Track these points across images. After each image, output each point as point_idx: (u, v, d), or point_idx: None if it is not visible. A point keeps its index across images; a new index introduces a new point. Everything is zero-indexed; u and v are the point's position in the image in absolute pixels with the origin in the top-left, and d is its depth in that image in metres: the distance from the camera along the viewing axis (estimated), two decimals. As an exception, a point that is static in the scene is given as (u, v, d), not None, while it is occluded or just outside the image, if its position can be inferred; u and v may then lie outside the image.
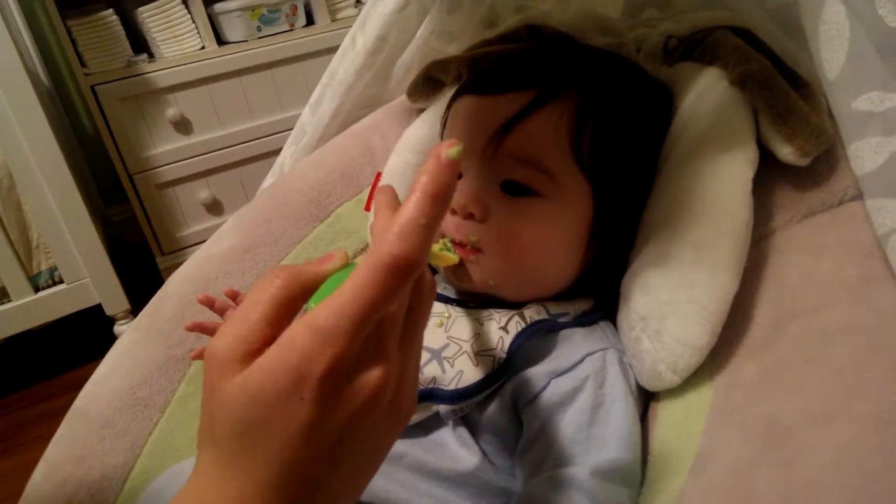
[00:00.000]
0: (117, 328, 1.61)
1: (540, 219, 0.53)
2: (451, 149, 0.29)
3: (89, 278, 1.52)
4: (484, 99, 0.56)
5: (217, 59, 1.77)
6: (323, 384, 0.28)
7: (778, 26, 0.53)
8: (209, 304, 0.65)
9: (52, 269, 1.50)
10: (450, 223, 0.55)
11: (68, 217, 1.46)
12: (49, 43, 1.95)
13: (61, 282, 1.52)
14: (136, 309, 1.60)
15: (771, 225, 0.49)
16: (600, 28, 0.67)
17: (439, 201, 0.29)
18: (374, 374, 0.30)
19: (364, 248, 0.76)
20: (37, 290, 1.49)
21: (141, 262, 1.93)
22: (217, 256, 0.74)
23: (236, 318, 0.31)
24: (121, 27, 1.68)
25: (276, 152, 1.89)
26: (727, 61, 0.53)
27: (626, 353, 0.53)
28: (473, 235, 0.53)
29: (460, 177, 0.57)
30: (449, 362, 0.52)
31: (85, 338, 1.72)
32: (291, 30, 1.87)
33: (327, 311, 0.28)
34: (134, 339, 0.70)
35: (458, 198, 0.54)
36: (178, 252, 1.88)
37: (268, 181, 0.85)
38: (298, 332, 0.28)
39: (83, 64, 1.65)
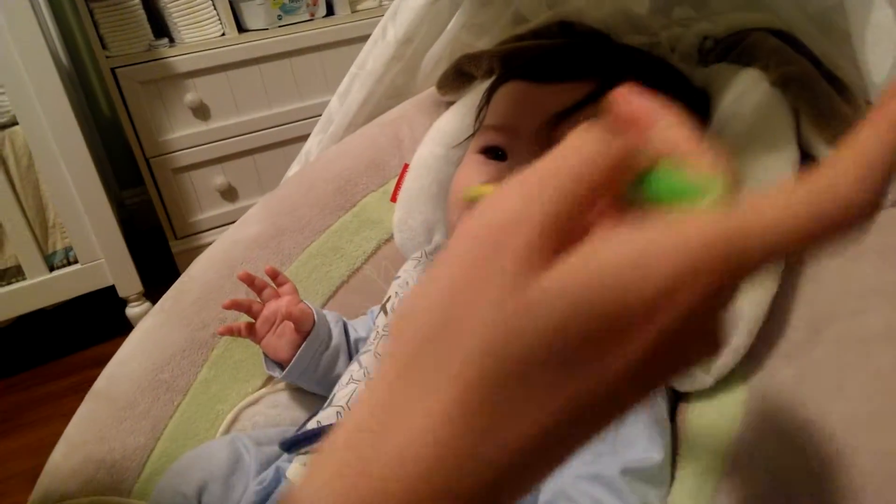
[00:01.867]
0: (129, 310, 1.62)
1: None
2: None
3: (104, 259, 1.53)
4: (537, 86, 0.56)
5: (237, 46, 1.76)
6: (681, 325, 0.19)
7: (818, 30, 0.52)
8: (249, 281, 0.64)
9: (68, 249, 1.51)
10: None
11: (85, 197, 1.46)
12: (70, 24, 1.95)
13: (76, 262, 1.52)
14: (148, 292, 1.61)
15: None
16: (634, 26, 0.67)
17: None
18: (712, 343, 0.22)
19: (388, 240, 0.76)
20: (51, 269, 1.50)
21: (154, 245, 1.93)
22: (243, 242, 0.74)
23: (545, 185, 0.21)
24: (143, 11, 1.68)
25: (293, 141, 1.92)
26: (767, 63, 0.52)
27: None
28: None
29: (504, 157, 0.57)
30: None
31: (97, 319, 1.73)
32: (312, 19, 1.87)
33: (731, 231, 0.19)
34: (157, 322, 0.71)
35: (504, 181, 0.53)
36: (192, 237, 1.89)
37: (293, 169, 0.85)
38: (678, 245, 0.19)
39: (104, 46, 1.65)
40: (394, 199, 0.75)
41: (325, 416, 0.55)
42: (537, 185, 0.21)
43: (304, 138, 1.95)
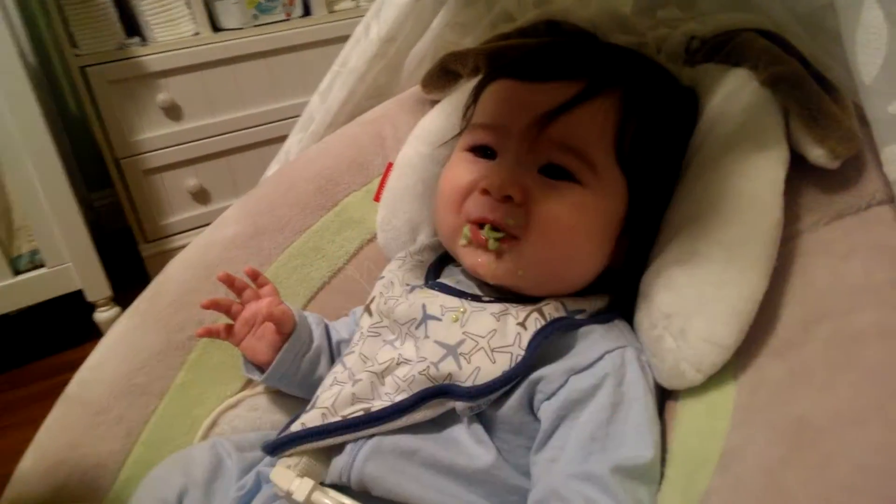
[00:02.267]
0: (98, 315, 1.57)
1: (579, 205, 0.53)
2: None
3: (71, 263, 1.48)
4: (526, 85, 0.56)
5: (211, 45, 1.73)
6: None
7: (807, 30, 0.53)
8: (229, 282, 0.63)
9: (34, 253, 1.46)
10: (483, 205, 0.54)
11: (53, 199, 1.42)
12: (37, 20, 1.90)
13: (42, 265, 1.47)
14: (117, 296, 1.57)
15: (798, 226, 0.49)
16: (621, 26, 0.67)
17: None
18: None
19: (371, 240, 0.75)
20: (16, 273, 1.45)
21: (122, 248, 1.88)
22: (220, 242, 0.72)
23: None
24: (114, 8, 1.64)
25: (268, 142, 1.90)
26: (756, 63, 0.53)
27: (643, 352, 0.52)
28: (511, 218, 0.52)
29: (493, 156, 0.57)
30: (465, 358, 0.51)
31: (64, 324, 1.68)
32: (288, 19, 1.84)
33: None
34: (132, 325, 0.69)
35: (494, 179, 0.53)
36: (163, 240, 1.85)
37: (272, 168, 0.84)
38: None
39: (74, 44, 1.61)
40: (377, 198, 0.74)
41: (309, 419, 0.53)
42: None
43: (279, 139, 1.92)
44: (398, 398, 0.52)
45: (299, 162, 0.77)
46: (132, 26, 1.73)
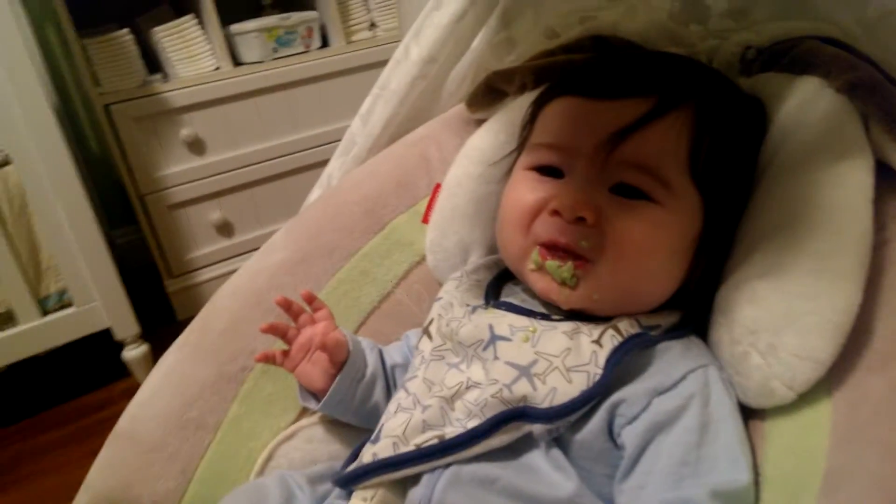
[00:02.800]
0: (127, 353, 1.56)
1: (655, 223, 0.51)
2: None
3: (99, 301, 1.48)
4: (594, 102, 0.54)
5: (232, 79, 1.75)
6: None
7: (873, 36, 0.52)
8: (286, 306, 0.62)
9: (62, 292, 1.46)
10: (554, 227, 0.52)
11: (80, 238, 1.41)
12: (58, 61, 1.92)
13: (70, 305, 1.47)
14: (144, 333, 1.56)
15: (885, 235, 0.47)
16: (671, 38, 0.66)
17: None
18: None
19: (420, 262, 0.73)
20: (45, 313, 1.44)
21: (146, 285, 1.88)
22: (269, 269, 0.71)
23: None
24: (136, 46, 1.66)
25: (291, 173, 1.90)
26: (828, 70, 0.51)
27: (723, 370, 0.50)
28: (585, 240, 0.51)
29: (560, 175, 0.55)
30: (540, 379, 0.49)
31: (93, 363, 1.67)
32: (307, 51, 1.86)
33: None
34: (182, 357, 0.67)
35: (566, 199, 0.51)
36: (188, 274, 1.84)
37: (315, 193, 0.83)
38: None
39: (97, 83, 1.62)
40: (426, 220, 0.72)
41: (380, 449, 0.51)
42: None
43: (301, 170, 1.94)
44: (471, 424, 0.50)
45: (345, 185, 0.76)
46: (154, 63, 1.75)
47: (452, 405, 0.52)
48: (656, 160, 0.51)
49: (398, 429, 0.52)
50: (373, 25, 1.98)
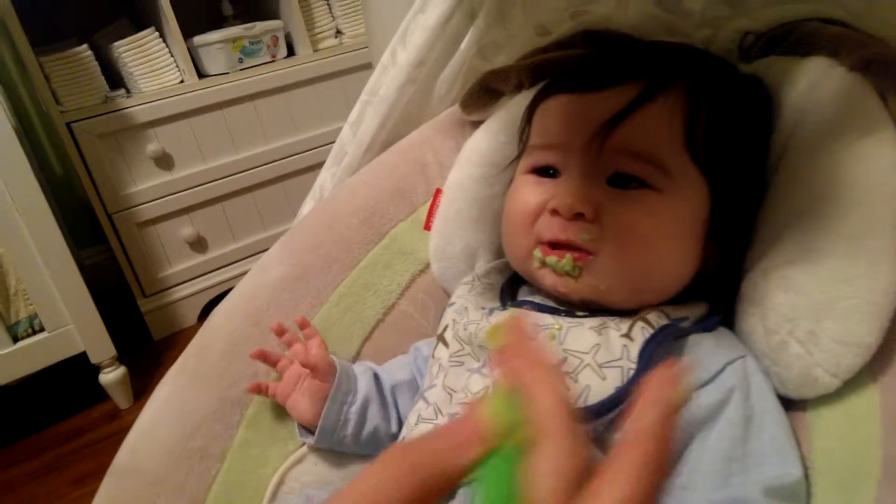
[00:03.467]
0: (103, 377, 1.50)
1: (656, 210, 0.49)
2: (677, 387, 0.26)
3: (73, 325, 1.42)
4: (582, 96, 0.53)
5: (198, 92, 1.71)
6: None
7: (879, 15, 0.51)
8: (279, 333, 0.60)
9: (32, 317, 1.40)
10: (555, 225, 0.51)
11: (50, 261, 1.36)
12: (13, 81, 1.85)
13: (42, 330, 1.41)
14: (121, 355, 1.51)
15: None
16: (666, 29, 0.65)
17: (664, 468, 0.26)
18: None
19: (423, 271, 0.71)
20: (15, 340, 1.38)
21: (118, 306, 1.81)
22: (266, 286, 0.68)
23: None
24: (96, 63, 1.61)
25: (262, 185, 1.86)
26: (835, 49, 0.51)
27: (758, 360, 0.49)
28: (585, 234, 0.49)
29: (557, 175, 0.54)
30: (571, 378, 0.47)
31: (68, 389, 1.61)
32: (273, 61, 1.83)
33: None
34: (181, 383, 0.64)
35: (563, 197, 0.50)
36: (162, 293, 1.79)
37: (307, 206, 0.80)
38: None
39: (57, 101, 1.56)
40: (427, 227, 0.70)
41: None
42: None
43: (274, 181, 1.90)
44: (499, 432, 0.48)
45: (339, 196, 0.73)
46: (116, 79, 1.70)
47: None
48: (650, 145, 0.50)
49: None
50: (339, 32, 1.95)
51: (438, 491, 0.27)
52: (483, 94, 0.69)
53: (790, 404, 0.48)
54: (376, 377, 0.64)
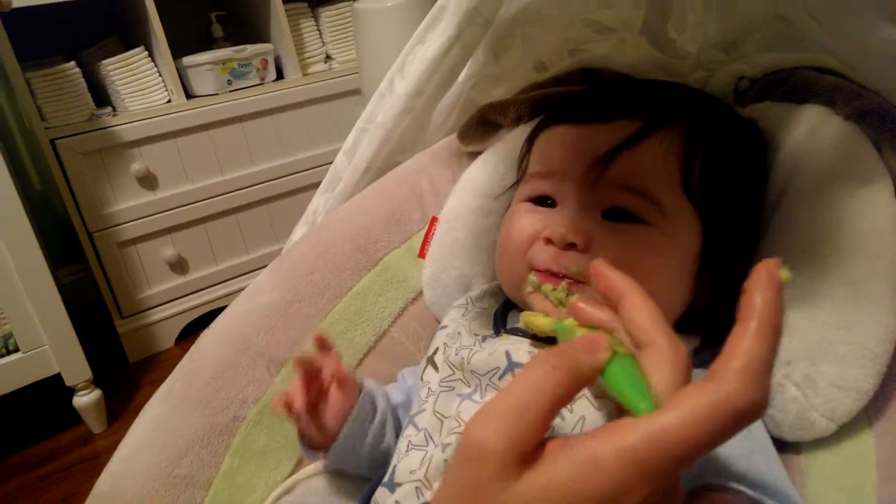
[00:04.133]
0: (77, 400, 1.47)
1: (647, 246, 0.50)
2: (781, 270, 0.27)
3: (48, 345, 1.39)
4: (583, 128, 0.54)
5: (185, 112, 1.70)
6: None
7: (872, 67, 0.53)
8: (321, 345, 0.56)
9: (7, 337, 1.36)
10: (546, 255, 0.51)
11: (28, 279, 1.33)
12: (-2, 97, 1.83)
13: (16, 350, 1.37)
14: (95, 378, 1.47)
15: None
16: (663, 70, 0.67)
17: (779, 333, 0.26)
18: None
19: (416, 298, 0.71)
20: (-12, 360, 1.35)
21: (93, 326, 1.77)
22: (257, 311, 0.67)
23: (507, 412, 0.27)
24: (83, 80, 1.60)
25: (246, 206, 1.85)
26: (831, 99, 0.52)
27: None
28: (574, 266, 0.50)
29: (553, 205, 0.54)
30: (567, 408, 0.47)
31: (40, 411, 1.56)
32: (262, 83, 1.83)
33: (648, 444, 0.24)
34: (167, 408, 0.62)
35: (556, 227, 0.51)
36: (139, 314, 1.76)
37: (298, 231, 0.80)
38: (607, 457, 0.25)
39: (42, 118, 1.55)
40: (422, 255, 0.70)
41: (404, 496, 0.48)
42: (501, 419, 0.27)
43: (258, 203, 1.89)
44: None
45: (333, 221, 0.73)
46: (102, 97, 1.69)
47: None
48: (646, 180, 0.50)
49: (418, 471, 0.49)
50: (328, 58, 1.96)
51: (576, 388, 0.28)
52: (481, 126, 0.70)
53: (783, 446, 0.48)
54: (387, 395, 0.63)
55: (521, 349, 0.52)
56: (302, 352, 0.55)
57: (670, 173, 0.51)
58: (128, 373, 1.73)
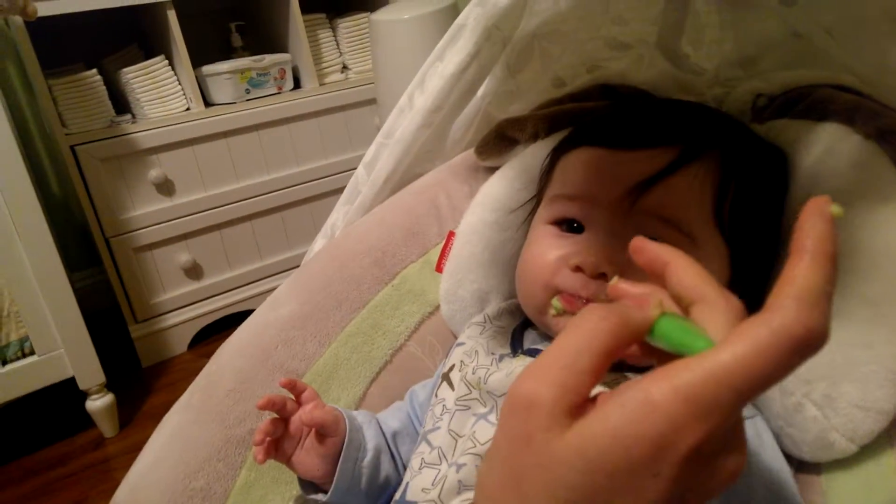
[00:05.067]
0: (90, 404, 1.48)
1: None
2: (833, 206, 0.26)
3: (64, 349, 1.40)
4: (616, 153, 0.53)
5: (203, 120, 1.72)
6: (686, 462, 0.24)
7: (893, 86, 0.53)
8: (271, 406, 0.55)
9: (23, 340, 1.38)
10: (575, 281, 0.51)
11: (45, 284, 1.35)
12: (19, 101, 1.85)
13: (32, 353, 1.39)
14: (108, 382, 1.48)
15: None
16: (681, 87, 0.67)
17: (835, 263, 0.25)
18: (731, 462, 0.26)
19: (433, 313, 0.71)
20: (4, 362, 1.36)
21: (106, 331, 1.79)
22: (275, 324, 0.67)
23: (556, 364, 0.27)
24: (104, 87, 1.62)
25: (261, 214, 1.86)
26: (850, 117, 0.52)
27: (769, 420, 0.49)
28: (603, 294, 0.50)
29: (580, 229, 0.54)
30: None
31: (54, 414, 1.58)
32: (279, 93, 1.84)
33: (703, 379, 0.23)
34: (186, 420, 0.63)
35: (588, 256, 0.51)
36: (153, 319, 1.77)
37: (318, 243, 0.80)
38: (663, 396, 0.24)
39: (63, 124, 1.57)
40: (439, 269, 0.70)
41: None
42: (551, 369, 0.27)
43: (273, 210, 1.90)
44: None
45: (352, 235, 0.74)
46: (122, 104, 1.71)
47: None
48: (681, 211, 0.50)
49: (432, 490, 0.49)
50: (345, 68, 1.98)
51: (626, 341, 0.28)
52: (499, 141, 0.70)
53: (802, 466, 0.48)
54: (380, 427, 0.63)
55: None
56: (269, 396, 0.55)
57: (704, 205, 0.51)
58: (140, 377, 1.74)
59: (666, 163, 0.51)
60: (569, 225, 0.56)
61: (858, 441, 0.44)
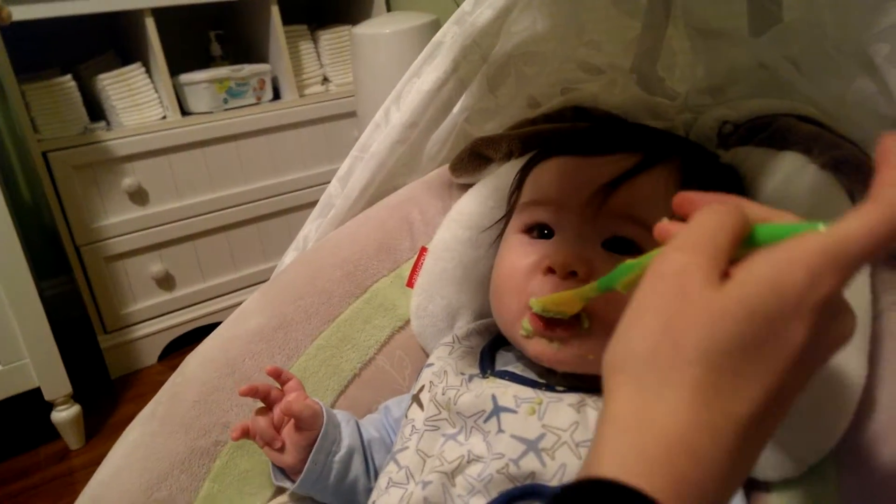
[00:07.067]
0: (56, 415, 1.45)
1: None
2: None
3: (29, 359, 1.37)
4: (582, 159, 0.56)
5: (179, 129, 1.71)
6: (823, 308, 0.28)
7: (851, 119, 0.55)
8: (252, 393, 0.57)
9: (-13, 350, 1.35)
10: (546, 285, 0.52)
11: (12, 292, 1.32)
12: (-10, 106, 1.83)
13: (-4, 363, 1.36)
14: (75, 393, 1.45)
15: (879, 306, 0.49)
16: (651, 112, 0.69)
17: None
18: (849, 320, 0.30)
19: (402, 327, 0.71)
20: (-34, 372, 1.33)
21: (74, 340, 1.75)
22: (243, 336, 0.67)
23: (701, 240, 0.30)
24: (78, 93, 1.61)
25: (237, 225, 1.85)
26: (808, 147, 0.54)
27: None
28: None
29: (550, 235, 0.55)
30: (549, 454, 0.48)
31: (17, 425, 1.54)
32: (258, 103, 1.84)
33: (839, 241, 0.28)
34: (149, 431, 0.62)
35: (557, 256, 0.52)
36: (124, 329, 1.74)
37: (289, 256, 0.80)
38: (803, 252, 0.28)
39: (36, 129, 1.55)
40: (410, 284, 0.71)
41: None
42: (698, 243, 0.31)
43: (248, 222, 1.89)
44: (473, 500, 0.48)
45: (324, 248, 0.74)
46: (97, 111, 1.69)
47: (453, 481, 0.50)
48: (647, 211, 0.52)
49: None
50: (326, 80, 1.98)
51: (747, 225, 0.31)
52: (473, 159, 0.71)
53: (753, 484, 0.49)
54: (358, 428, 0.63)
55: (507, 393, 0.52)
56: (252, 384, 0.57)
57: (669, 206, 0.52)
58: (109, 388, 1.71)
59: (631, 165, 0.53)
60: (539, 231, 0.57)
61: (808, 461, 0.45)
